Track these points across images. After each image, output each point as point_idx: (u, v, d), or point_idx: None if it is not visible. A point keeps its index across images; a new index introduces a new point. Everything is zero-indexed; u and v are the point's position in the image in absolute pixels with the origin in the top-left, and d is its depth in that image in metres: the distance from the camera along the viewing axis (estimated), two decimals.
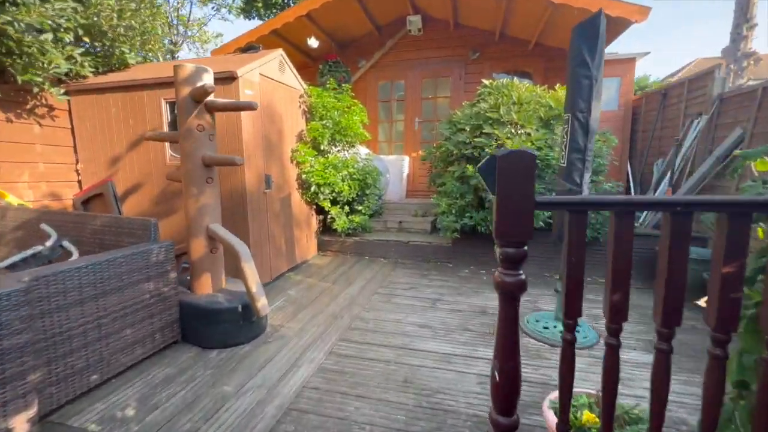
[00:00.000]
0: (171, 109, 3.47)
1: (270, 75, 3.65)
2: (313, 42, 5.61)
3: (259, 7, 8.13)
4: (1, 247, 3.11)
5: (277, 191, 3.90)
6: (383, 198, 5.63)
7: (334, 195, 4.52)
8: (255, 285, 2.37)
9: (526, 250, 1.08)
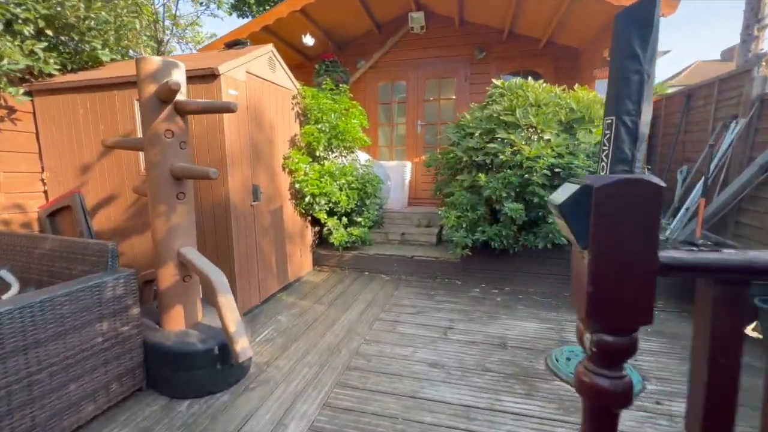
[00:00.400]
0: None
1: (258, 73, 3.25)
2: (309, 40, 5.22)
3: (251, 4, 7.74)
4: None
5: (267, 203, 3.49)
6: (384, 207, 5.23)
7: (330, 205, 4.11)
8: (234, 323, 1.96)
9: (636, 338, 0.68)
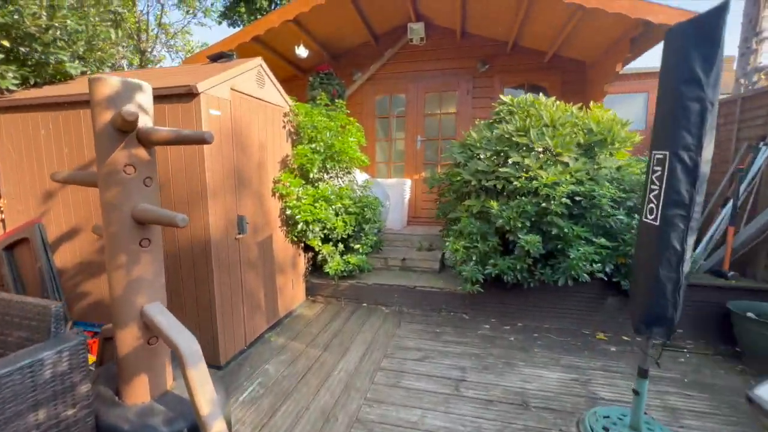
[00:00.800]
0: None
1: (245, 90, 2.91)
2: (302, 51, 4.90)
3: (242, 12, 7.41)
4: None
5: (254, 234, 3.12)
6: (383, 228, 4.88)
7: (326, 232, 3.75)
8: (207, 404, 1.58)
9: None
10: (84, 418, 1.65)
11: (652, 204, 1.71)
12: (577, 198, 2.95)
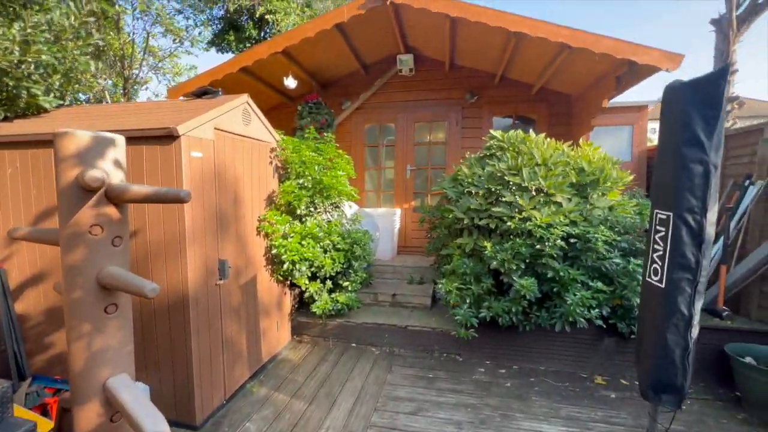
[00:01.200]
0: None
1: (230, 128, 2.80)
2: (291, 82, 4.85)
3: (231, 40, 7.41)
4: None
5: (236, 278, 2.94)
6: (373, 259, 4.74)
7: (313, 270, 3.59)
8: None
9: None
10: None
11: (656, 264, 1.64)
12: (572, 240, 2.89)
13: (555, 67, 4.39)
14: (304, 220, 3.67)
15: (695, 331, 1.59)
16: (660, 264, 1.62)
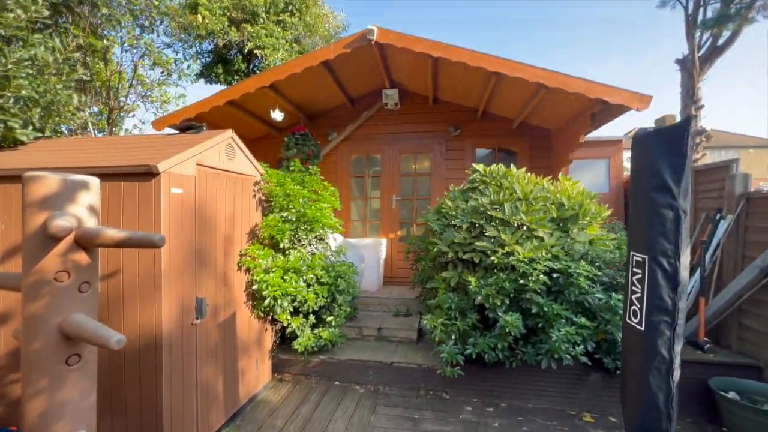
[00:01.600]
0: None
1: (213, 164, 2.78)
2: (278, 115, 4.92)
3: (219, 73, 7.55)
4: None
5: (214, 316, 2.84)
6: (358, 291, 4.66)
7: (296, 305, 3.50)
8: None
9: None
10: None
11: (635, 306, 1.65)
12: (555, 274, 2.91)
13: (534, 105, 4.58)
14: (287, 253, 3.61)
15: (677, 375, 1.58)
16: (639, 306, 1.63)
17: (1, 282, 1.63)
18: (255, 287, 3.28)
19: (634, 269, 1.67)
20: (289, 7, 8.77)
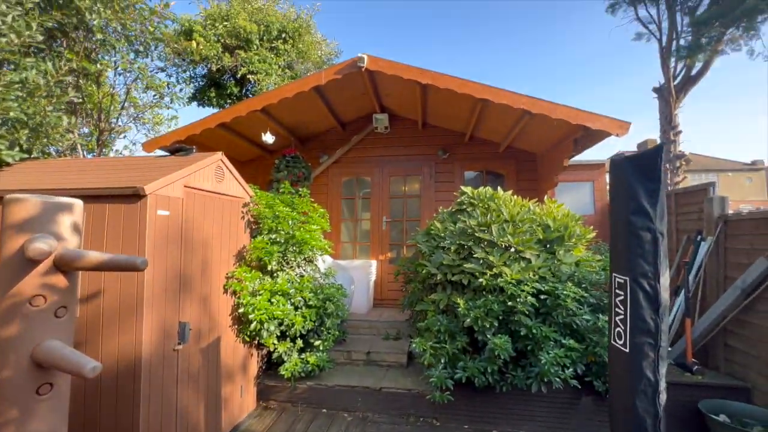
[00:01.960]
0: None
1: (201, 186, 2.79)
2: (269, 138, 4.98)
3: (212, 96, 7.67)
4: None
5: (197, 341, 2.76)
6: (347, 313, 4.59)
7: (283, 328, 3.42)
8: None
9: None
10: None
11: (619, 328, 1.67)
12: (542, 296, 2.92)
13: (519, 129, 4.73)
14: (275, 275, 3.57)
15: (663, 397, 1.58)
16: (623, 328, 1.65)
17: None
18: (241, 310, 3.22)
19: (616, 291, 1.69)
20: (283, 35, 9.05)
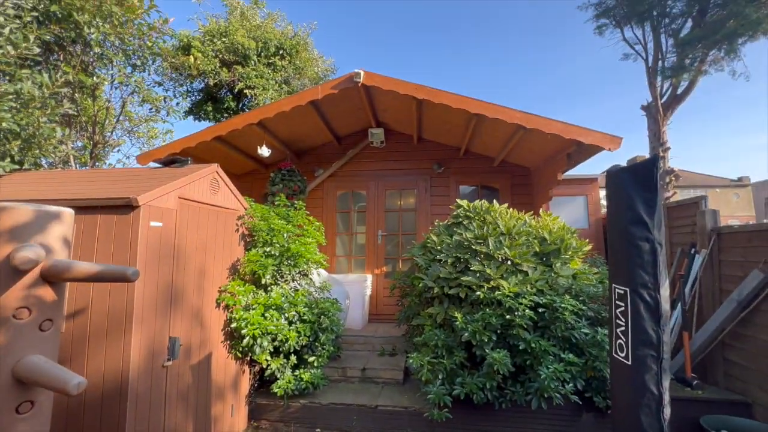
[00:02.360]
0: None
1: (195, 197, 2.75)
2: (265, 151, 4.98)
3: (209, 111, 7.70)
4: None
5: (187, 357, 2.67)
6: (342, 328, 4.49)
7: (276, 344, 3.34)
8: None
9: None
10: None
11: (620, 340, 1.64)
12: (540, 309, 2.89)
13: (513, 144, 4.78)
14: (269, 289, 3.50)
15: (667, 412, 1.54)
16: (624, 340, 1.62)
17: None
18: (234, 325, 3.14)
19: (617, 302, 1.67)
20: (280, 51, 9.19)
